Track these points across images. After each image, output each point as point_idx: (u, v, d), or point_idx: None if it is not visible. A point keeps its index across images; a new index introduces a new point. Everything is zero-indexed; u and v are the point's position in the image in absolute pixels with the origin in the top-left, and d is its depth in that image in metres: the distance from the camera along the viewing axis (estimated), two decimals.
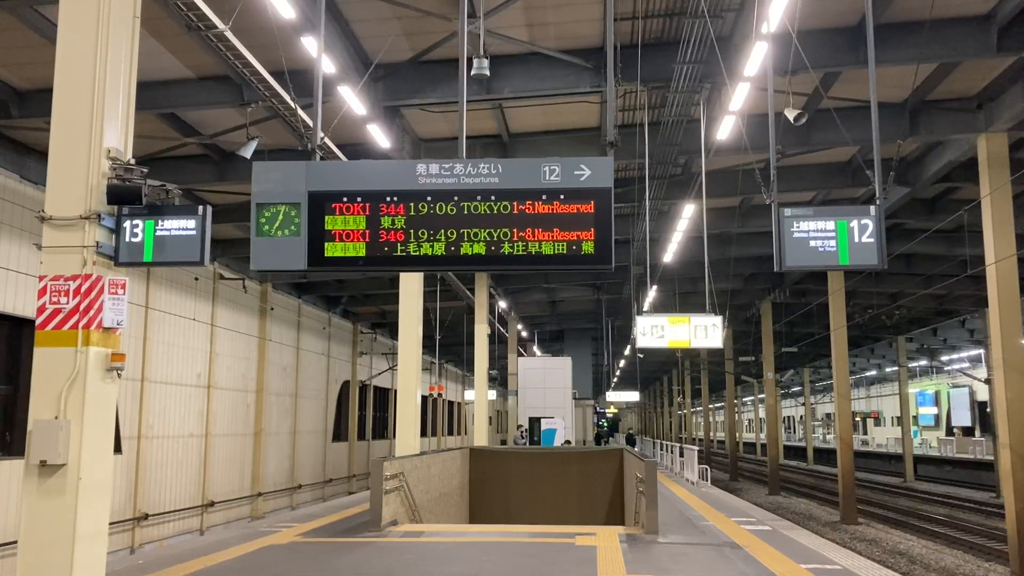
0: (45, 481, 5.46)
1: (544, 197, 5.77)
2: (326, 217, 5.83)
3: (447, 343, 33.41)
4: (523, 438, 27.96)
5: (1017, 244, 13.75)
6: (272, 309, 23.81)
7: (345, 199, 5.85)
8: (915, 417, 48.60)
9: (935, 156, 15.63)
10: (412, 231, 5.80)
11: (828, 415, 64.57)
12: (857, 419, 58.66)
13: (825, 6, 10.74)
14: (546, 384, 29.95)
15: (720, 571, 7.71)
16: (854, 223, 6.20)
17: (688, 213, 16.53)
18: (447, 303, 26.38)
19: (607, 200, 5.74)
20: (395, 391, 18.17)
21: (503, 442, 38.89)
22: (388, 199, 5.84)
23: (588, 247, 5.71)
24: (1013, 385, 13.24)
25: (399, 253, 5.80)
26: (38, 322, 5.67)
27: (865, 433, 60.44)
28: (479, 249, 5.77)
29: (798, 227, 6.26)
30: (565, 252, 5.72)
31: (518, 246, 5.75)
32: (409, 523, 12.03)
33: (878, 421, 60.58)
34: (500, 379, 40.38)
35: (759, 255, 23.08)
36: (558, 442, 26.76)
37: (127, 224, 5.86)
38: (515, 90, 12.11)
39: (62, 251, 5.72)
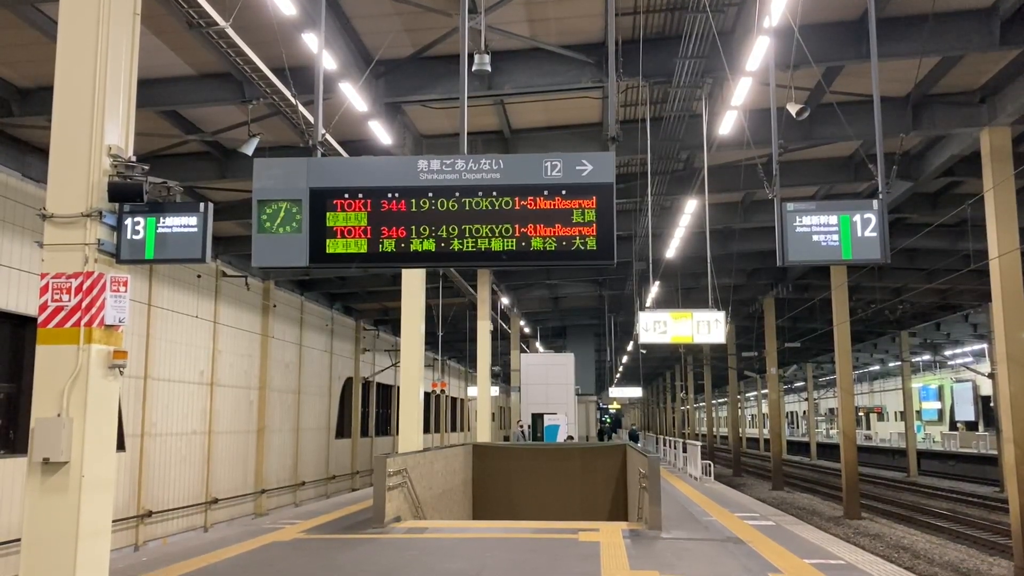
0: (48, 479, 5.46)
1: (546, 193, 5.76)
2: (327, 214, 5.83)
3: (450, 339, 33.42)
4: (522, 432, 27.95)
5: (1020, 238, 13.72)
6: (275, 306, 23.82)
7: (346, 195, 5.85)
8: (918, 412, 48.55)
9: (938, 150, 15.58)
10: (413, 227, 5.79)
11: (831, 410, 64.54)
12: (860, 414, 58.63)
13: (827, 0, 10.70)
14: (549, 380, 29.92)
15: (723, 566, 7.71)
16: (857, 217, 6.18)
17: (690, 208, 16.50)
18: (449, 300, 26.38)
19: (609, 196, 5.72)
20: (398, 388, 18.18)
21: (506, 438, 38.90)
22: (389, 195, 5.83)
23: (590, 243, 5.69)
24: (1017, 379, 13.22)
25: (401, 249, 5.80)
26: (40, 320, 5.67)
27: (868, 428, 60.39)
28: (481, 245, 5.76)
29: (801, 222, 6.24)
30: (567, 248, 5.70)
31: (520, 242, 5.73)
32: (412, 519, 12.04)
33: (881, 416, 60.57)
34: (503, 375, 40.39)
35: (762, 250, 23.05)
36: (561, 438, 26.76)
37: (128, 221, 5.86)
38: (516, 86, 12.10)
39: (63, 249, 5.71)
